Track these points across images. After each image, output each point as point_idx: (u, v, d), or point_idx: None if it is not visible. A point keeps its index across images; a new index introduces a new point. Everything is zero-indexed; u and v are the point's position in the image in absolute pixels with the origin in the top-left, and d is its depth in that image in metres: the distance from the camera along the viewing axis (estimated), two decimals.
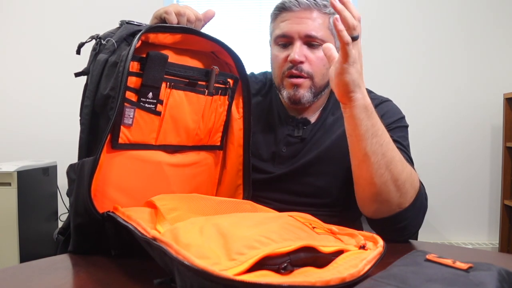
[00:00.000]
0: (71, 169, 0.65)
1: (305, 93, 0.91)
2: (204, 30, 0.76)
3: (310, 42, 0.89)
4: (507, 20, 2.53)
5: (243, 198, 0.84)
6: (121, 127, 0.64)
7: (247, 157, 0.84)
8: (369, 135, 0.71)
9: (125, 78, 0.61)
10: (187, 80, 0.72)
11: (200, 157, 0.79)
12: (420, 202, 0.76)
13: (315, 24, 0.88)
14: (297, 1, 0.88)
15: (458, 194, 2.55)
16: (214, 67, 0.75)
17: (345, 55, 0.66)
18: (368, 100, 0.71)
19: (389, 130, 0.90)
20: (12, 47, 2.59)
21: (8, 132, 2.58)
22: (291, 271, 0.41)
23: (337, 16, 0.65)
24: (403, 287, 0.36)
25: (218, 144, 0.82)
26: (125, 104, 0.64)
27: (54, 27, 2.58)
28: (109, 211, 0.60)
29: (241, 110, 0.83)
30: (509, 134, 2.38)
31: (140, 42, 0.64)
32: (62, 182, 2.35)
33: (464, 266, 0.38)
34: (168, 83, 0.69)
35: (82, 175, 0.61)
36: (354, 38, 0.66)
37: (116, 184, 0.66)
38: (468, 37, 2.54)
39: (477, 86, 2.54)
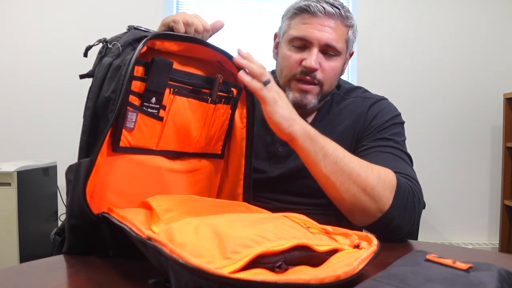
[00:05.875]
0: (70, 170, 0.65)
1: (312, 100, 0.91)
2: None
3: (327, 50, 0.89)
4: (507, 20, 2.53)
5: None
6: (123, 130, 0.64)
7: (249, 167, 0.84)
8: (320, 159, 0.72)
9: (126, 81, 0.61)
10: (191, 87, 0.72)
11: (201, 165, 0.78)
12: (402, 200, 0.74)
13: (335, 34, 0.88)
14: (323, 8, 0.87)
15: (458, 194, 2.55)
16: (218, 75, 0.74)
17: (262, 100, 0.70)
18: (307, 126, 0.73)
19: (383, 129, 0.91)
20: (13, 47, 2.59)
21: (8, 132, 2.58)
22: (286, 270, 0.41)
23: (241, 71, 0.69)
24: (403, 287, 0.36)
25: (219, 152, 0.82)
26: (128, 108, 0.64)
27: (55, 28, 2.58)
28: (103, 212, 0.60)
29: (244, 120, 0.83)
30: (509, 134, 2.38)
31: (146, 48, 0.64)
32: (62, 182, 2.35)
33: (464, 266, 0.38)
34: (171, 89, 0.69)
35: (78, 176, 0.61)
36: (266, 83, 0.70)
37: (115, 188, 0.66)
38: (468, 37, 2.54)
39: (477, 86, 2.54)
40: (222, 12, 2.60)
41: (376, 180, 0.73)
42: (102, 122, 0.64)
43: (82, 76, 0.68)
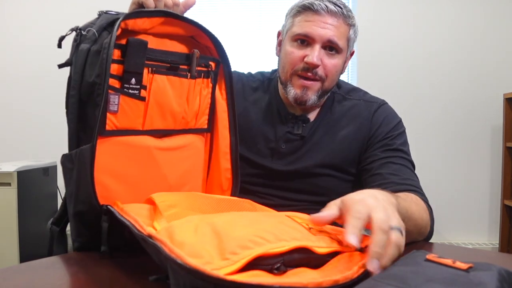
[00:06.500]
0: (67, 158, 0.67)
1: (312, 96, 0.92)
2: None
3: (329, 48, 0.91)
4: (507, 20, 2.53)
5: (232, 183, 0.85)
6: (107, 114, 0.65)
7: (234, 140, 0.84)
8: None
9: (109, 64, 0.62)
10: (169, 65, 0.73)
11: (188, 141, 0.80)
12: (432, 219, 0.79)
13: (337, 31, 0.90)
14: (326, 6, 0.89)
15: (458, 194, 2.55)
16: (195, 50, 0.75)
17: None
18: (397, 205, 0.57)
19: (392, 138, 0.94)
20: (13, 47, 2.59)
21: (8, 132, 2.58)
22: (284, 272, 0.41)
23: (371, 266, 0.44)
24: (403, 287, 0.36)
25: (206, 126, 0.83)
26: (109, 91, 0.65)
27: (56, 28, 2.58)
28: (108, 205, 0.61)
29: (224, 92, 0.84)
30: (509, 134, 2.38)
31: (120, 30, 0.65)
32: (62, 182, 2.34)
33: (464, 266, 0.38)
34: (150, 69, 0.70)
35: (82, 162, 0.62)
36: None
37: (106, 170, 0.67)
38: (468, 37, 2.54)
39: (477, 86, 2.54)
40: (222, 12, 2.60)
41: (425, 215, 0.75)
42: (89, 108, 0.65)
43: (60, 66, 0.70)
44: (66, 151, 0.70)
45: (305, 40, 0.91)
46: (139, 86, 0.68)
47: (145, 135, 0.72)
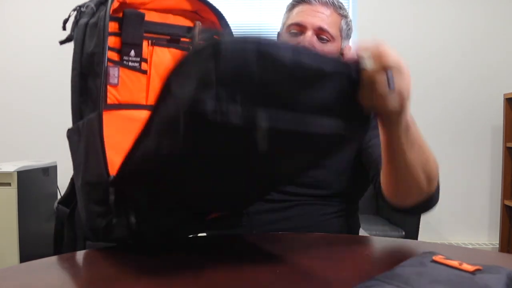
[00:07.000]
0: (73, 131, 0.66)
1: None
2: None
3: (321, 35, 0.93)
4: (507, 20, 2.53)
5: None
6: (108, 87, 0.65)
7: None
8: (408, 148, 0.68)
9: (107, 31, 0.62)
10: (169, 37, 0.72)
11: None
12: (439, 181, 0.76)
13: (328, 19, 0.93)
14: None
15: (458, 194, 2.54)
16: (197, 22, 0.75)
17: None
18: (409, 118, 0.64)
19: None
20: (13, 47, 2.59)
21: (8, 132, 2.57)
22: None
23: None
24: (404, 287, 0.36)
25: None
26: (108, 63, 0.64)
27: (56, 28, 2.57)
28: (115, 176, 0.59)
29: None
30: (509, 134, 2.38)
31: (118, 3, 0.65)
32: (62, 182, 2.34)
33: (470, 268, 0.37)
34: (149, 41, 0.70)
35: (90, 131, 0.62)
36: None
37: (109, 143, 0.65)
38: (468, 37, 2.54)
39: (477, 86, 2.54)
40: (222, 12, 2.60)
41: (435, 163, 0.74)
42: (90, 80, 0.65)
43: (62, 42, 0.71)
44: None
45: (298, 31, 0.94)
46: (139, 59, 0.68)
47: (149, 110, 0.70)
